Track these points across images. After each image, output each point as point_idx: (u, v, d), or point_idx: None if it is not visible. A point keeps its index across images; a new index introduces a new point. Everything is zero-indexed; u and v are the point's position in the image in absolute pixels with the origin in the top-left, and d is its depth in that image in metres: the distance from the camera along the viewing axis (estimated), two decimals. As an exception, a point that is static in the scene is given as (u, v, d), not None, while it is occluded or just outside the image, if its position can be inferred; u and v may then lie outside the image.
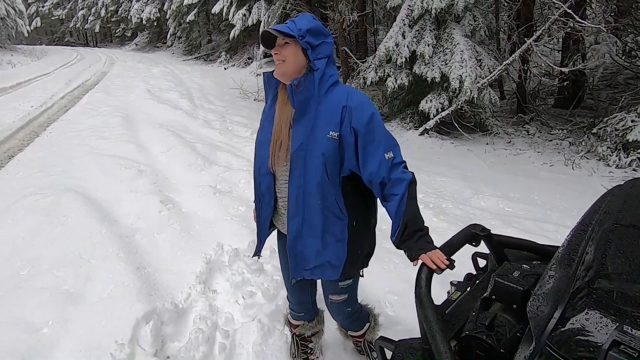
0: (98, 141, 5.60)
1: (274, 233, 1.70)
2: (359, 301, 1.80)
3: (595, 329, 0.70)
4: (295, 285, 1.73)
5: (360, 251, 1.53)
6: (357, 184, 1.44)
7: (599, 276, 0.83)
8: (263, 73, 1.48)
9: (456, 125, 6.97)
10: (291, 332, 1.95)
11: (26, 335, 1.98)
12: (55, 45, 37.46)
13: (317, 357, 1.99)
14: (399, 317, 2.29)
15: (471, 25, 6.88)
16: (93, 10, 35.07)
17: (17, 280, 2.43)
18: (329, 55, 1.39)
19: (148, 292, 2.33)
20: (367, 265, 1.62)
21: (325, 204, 1.40)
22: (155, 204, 3.51)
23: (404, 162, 1.40)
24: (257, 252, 1.70)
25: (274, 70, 1.44)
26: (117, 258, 2.65)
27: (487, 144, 6.88)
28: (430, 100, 6.88)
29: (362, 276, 1.65)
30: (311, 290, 1.78)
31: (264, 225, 1.60)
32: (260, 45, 1.44)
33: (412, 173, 1.38)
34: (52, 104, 8.76)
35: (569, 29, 5.90)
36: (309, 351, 1.94)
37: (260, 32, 1.40)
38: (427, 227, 1.35)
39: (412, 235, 1.30)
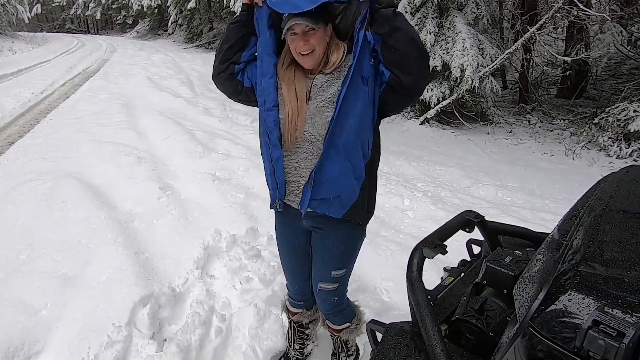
0: (98, 128, 5.60)
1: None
2: (352, 300, 1.81)
3: (577, 309, 0.70)
4: (296, 275, 1.74)
5: (368, 197, 1.49)
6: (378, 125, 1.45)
7: (585, 259, 0.83)
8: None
9: (457, 114, 6.93)
10: (289, 319, 1.96)
11: (25, 317, 2.01)
12: (56, 32, 37.30)
13: (313, 343, 2.02)
14: (394, 303, 2.31)
15: (474, 13, 6.80)
16: (93, -4, 34.83)
17: (17, 263, 2.47)
18: None
19: (146, 277, 2.35)
20: (367, 222, 1.56)
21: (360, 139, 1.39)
22: (154, 191, 3.53)
23: None
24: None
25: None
26: (115, 243, 2.67)
27: (488, 133, 6.85)
28: (431, 89, 6.83)
29: (365, 236, 1.59)
30: (311, 280, 1.75)
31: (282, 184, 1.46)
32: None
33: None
34: (53, 91, 8.74)
35: (573, 18, 5.82)
36: (305, 337, 1.96)
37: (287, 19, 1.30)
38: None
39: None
